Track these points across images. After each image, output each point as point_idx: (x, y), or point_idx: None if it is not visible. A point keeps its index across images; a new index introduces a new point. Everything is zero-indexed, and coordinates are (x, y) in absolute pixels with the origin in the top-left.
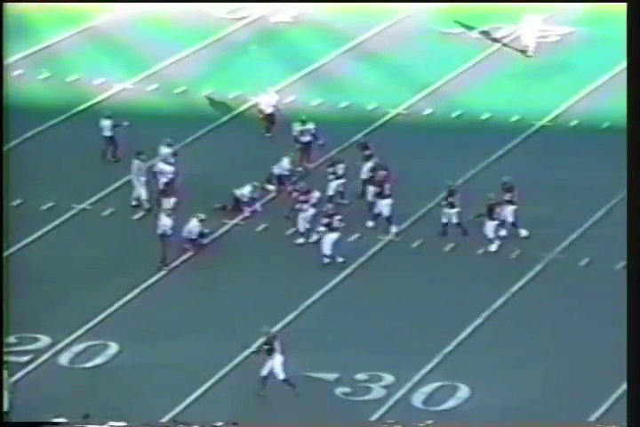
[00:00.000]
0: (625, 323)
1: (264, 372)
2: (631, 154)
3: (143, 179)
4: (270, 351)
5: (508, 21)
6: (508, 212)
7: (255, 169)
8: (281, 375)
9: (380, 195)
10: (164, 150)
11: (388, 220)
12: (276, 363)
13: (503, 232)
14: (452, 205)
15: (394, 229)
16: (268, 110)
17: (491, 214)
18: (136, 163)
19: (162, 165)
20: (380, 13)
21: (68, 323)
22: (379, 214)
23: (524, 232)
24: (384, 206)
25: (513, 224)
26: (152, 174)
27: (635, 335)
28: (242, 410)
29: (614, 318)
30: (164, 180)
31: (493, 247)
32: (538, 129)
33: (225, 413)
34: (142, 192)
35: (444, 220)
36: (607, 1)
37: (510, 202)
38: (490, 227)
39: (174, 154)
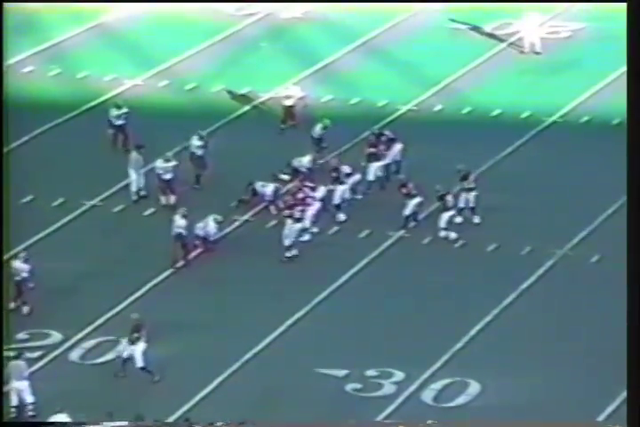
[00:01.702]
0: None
1: (124, 355)
2: (631, 154)
3: (140, 171)
4: (137, 340)
5: (518, 18)
6: (469, 198)
7: (269, 163)
8: (139, 363)
9: (337, 180)
10: (196, 142)
11: (337, 207)
12: (138, 350)
13: (459, 219)
14: (411, 196)
15: (342, 218)
16: (289, 103)
17: (443, 205)
18: (134, 155)
19: (161, 164)
20: (390, 10)
21: (79, 319)
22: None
23: (476, 219)
24: (338, 192)
25: (472, 209)
26: (195, 161)
27: (635, 336)
28: (253, 406)
29: (625, 313)
30: (166, 177)
31: (443, 234)
32: (548, 125)
33: (236, 409)
34: (140, 185)
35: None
36: (607, 1)
37: (469, 189)
38: (443, 217)
39: (204, 146)
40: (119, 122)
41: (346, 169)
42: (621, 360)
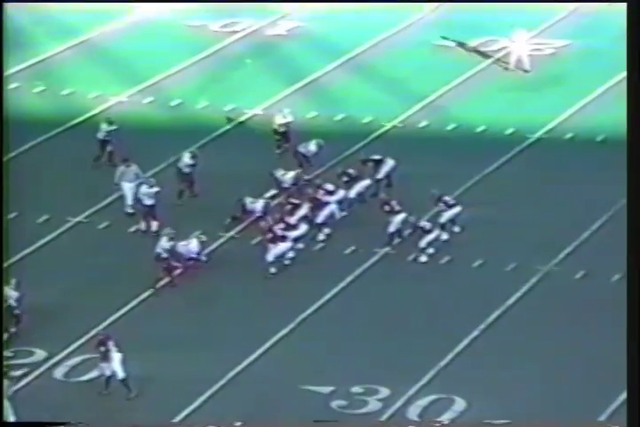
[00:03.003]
0: (623, 334)
1: (107, 372)
2: (631, 161)
3: (128, 185)
4: (106, 353)
5: (503, 34)
6: (448, 216)
7: (254, 180)
8: (120, 375)
9: (317, 200)
10: (187, 160)
11: (322, 224)
12: (115, 362)
13: (445, 236)
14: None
15: (321, 237)
16: (282, 129)
17: (422, 231)
18: (120, 169)
19: (145, 189)
20: (375, 26)
21: (63, 336)
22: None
23: (457, 228)
24: (325, 211)
25: (451, 221)
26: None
27: (633, 344)
28: (238, 422)
29: (610, 329)
30: (148, 202)
31: (424, 258)
32: (533, 142)
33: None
34: (128, 198)
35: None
36: (607, 1)
37: (450, 206)
38: (425, 239)
39: (193, 165)
40: (106, 137)
41: (329, 187)
42: (610, 374)
